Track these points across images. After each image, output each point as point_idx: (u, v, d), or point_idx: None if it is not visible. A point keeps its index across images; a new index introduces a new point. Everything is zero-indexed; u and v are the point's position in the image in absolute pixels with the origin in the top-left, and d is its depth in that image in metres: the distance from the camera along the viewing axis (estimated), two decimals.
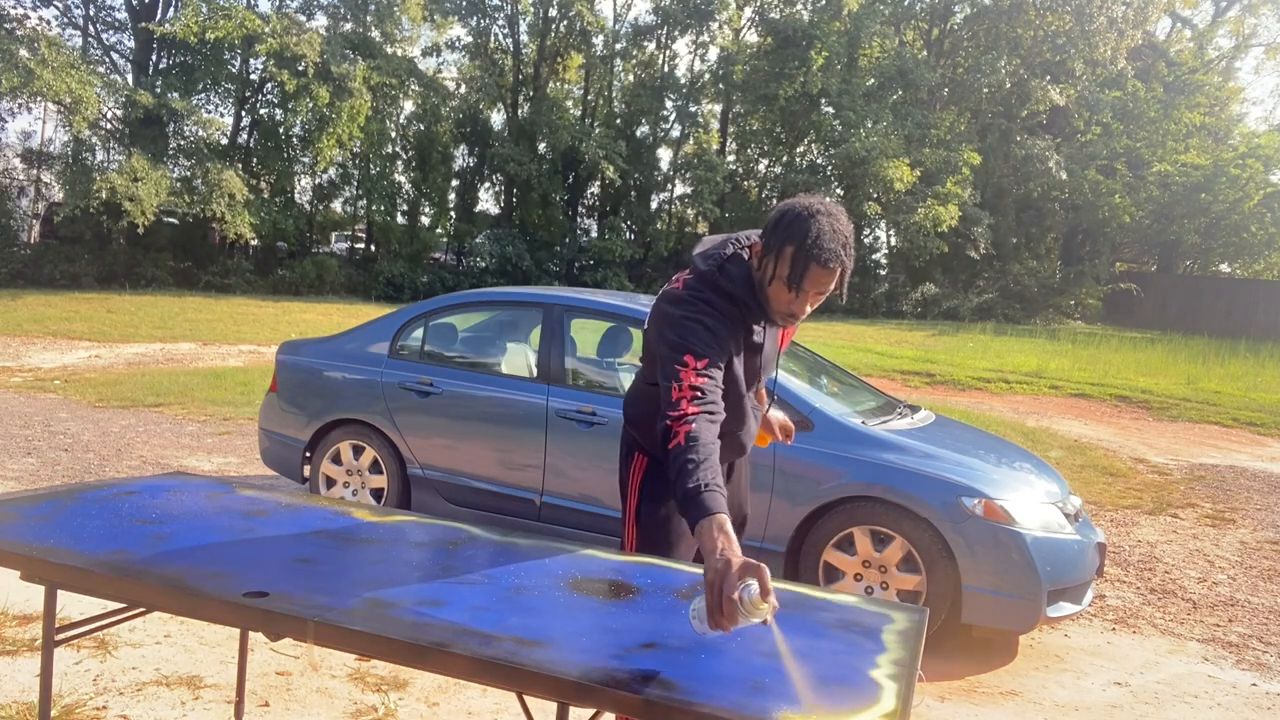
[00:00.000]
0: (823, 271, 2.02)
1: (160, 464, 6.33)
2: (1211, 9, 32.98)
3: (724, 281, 2.14)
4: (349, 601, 1.83)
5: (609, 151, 24.88)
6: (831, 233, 2.01)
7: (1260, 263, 29.86)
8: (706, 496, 1.76)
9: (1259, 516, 6.77)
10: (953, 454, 4.05)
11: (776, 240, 2.05)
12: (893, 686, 1.59)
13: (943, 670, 3.69)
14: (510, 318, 5.36)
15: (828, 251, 1.99)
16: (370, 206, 24.40)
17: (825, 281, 2.04)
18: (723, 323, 2.10)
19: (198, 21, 19.78)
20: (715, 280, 2.14)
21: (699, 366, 2.00)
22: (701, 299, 2.11)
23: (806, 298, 2.07)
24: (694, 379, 1.98)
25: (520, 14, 27.14)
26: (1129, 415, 11.35)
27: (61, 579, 1.98)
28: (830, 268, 2.01)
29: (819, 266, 2.01)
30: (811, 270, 2.01)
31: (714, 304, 2.11)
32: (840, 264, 2.02)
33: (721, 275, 2.14)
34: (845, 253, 2.03)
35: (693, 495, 1.77)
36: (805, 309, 2.11)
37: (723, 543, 1.67)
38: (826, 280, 2.04)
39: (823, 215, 2.03)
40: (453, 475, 4.78)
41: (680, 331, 2.06)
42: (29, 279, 19.24)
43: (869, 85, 26.62)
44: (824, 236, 2.00)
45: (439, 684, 3.22)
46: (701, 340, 2.04)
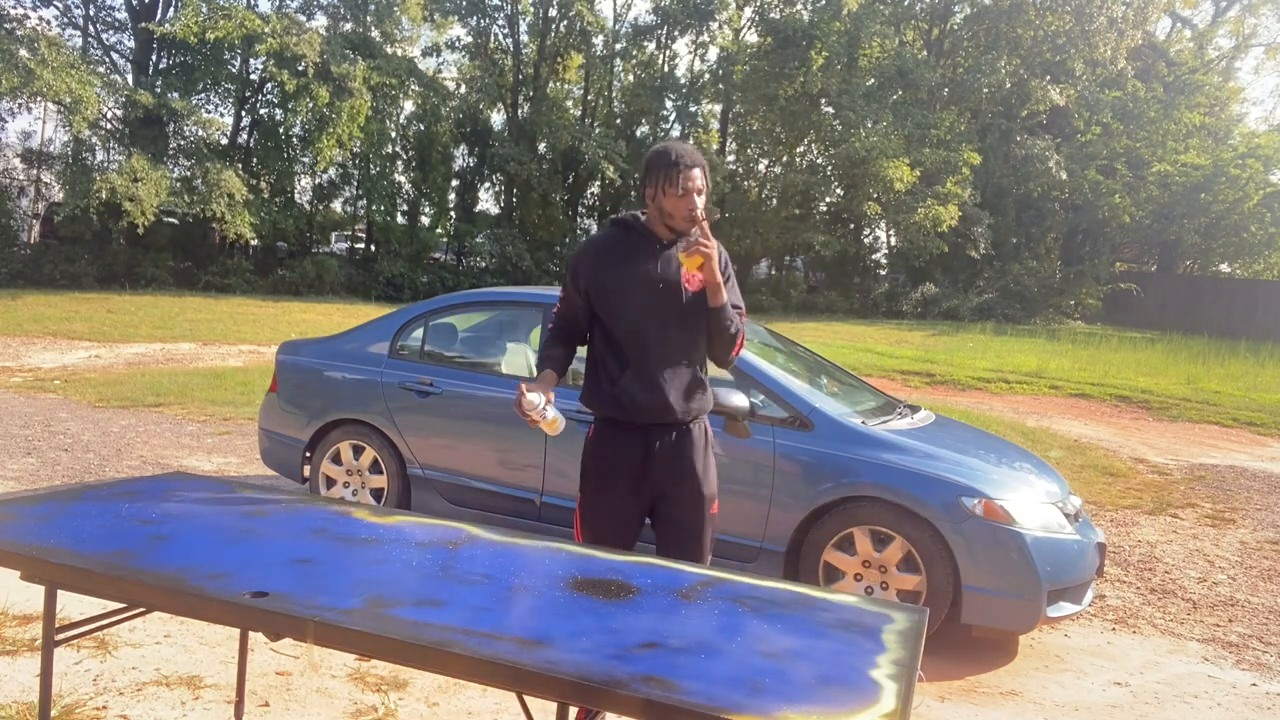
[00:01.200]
0: (687, 171, 2.63)
1: (160, 464, 6.33)
2: (1211, 9, 32.99)
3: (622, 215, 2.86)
4: (349, 601, 1.83)
5: (609, 151, 24.88)
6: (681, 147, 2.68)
7: (1260, 263, 29.85)
8: (541, 364, 2.88)
9: (1259, 516, 6.77)
10: (953, 454, 4.05)
11: (650, 171, 2.70)
12: (893, 686, 1.59)
13: (943, 670, 3.68)
14: (510, 318, 5.36)
15: (685, 153, 2.66)
16: (370, 206, 24.40)
17: (692, 177, 2.63)
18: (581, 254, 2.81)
19: (198, 21, 19.77)
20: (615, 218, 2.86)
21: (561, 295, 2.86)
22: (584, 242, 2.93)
23: (689, 195, 2.63)
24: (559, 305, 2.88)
25: (520, 14, 27.14)
26: (1129, 415, 11.35)
27: (61, 579, 1.98)
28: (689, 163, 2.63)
29: (683, 168, 2.63)
30: (680, 173, 2.62)
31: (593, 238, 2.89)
32: (699, 163, 2.66)
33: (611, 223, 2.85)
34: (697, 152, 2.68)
35: (538, 364, 2.90)
36: (696, 203, 2.64)
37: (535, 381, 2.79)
38: (692, 176, 2.63)
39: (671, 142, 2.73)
40: (453, 475, 4.78)
41: None
42: (29, 279, 19.24)
43: (869, 85, 26.61)
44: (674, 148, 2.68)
45: (439, 684, 3.22)
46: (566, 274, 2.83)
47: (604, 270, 2.73)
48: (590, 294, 2.75)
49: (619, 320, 2.73)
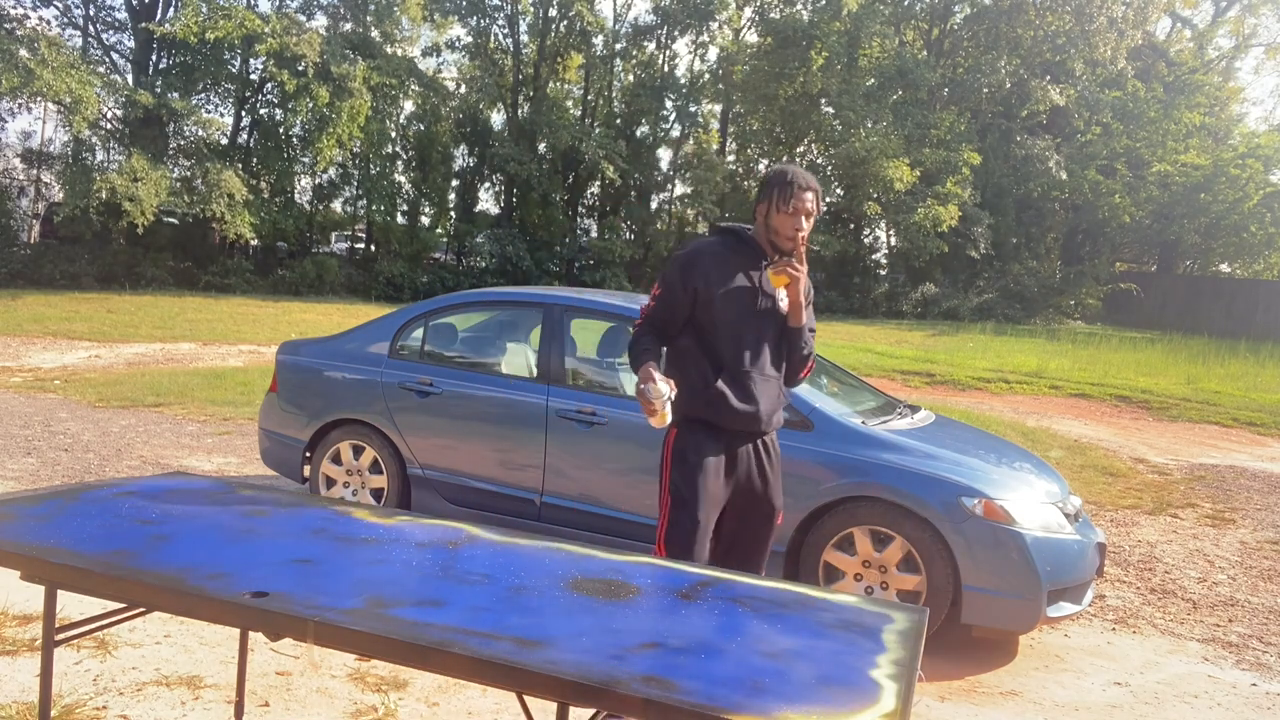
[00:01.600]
0: (801, 192, 2.76)
1: (160, 464, 6.33)
2: (1211, 9, 33.00)
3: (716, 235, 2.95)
4: (349, 601, 1.83)
5: (609, 151, 24.88)
6: (800, 171, 2.83)
7: (1260, 263, 29.85)
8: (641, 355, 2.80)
9: (1259, 516, 6.77)
10: (953, 454, 4.05)
11: (765, 189, 2.83)
12: (893, 686, 1.59)
13: (943, 670, 3.68)
14: (510, 318, 5.36)
15: (803, 176, 2.79)
16: (370, 206, 24.40)
17: (805, 200, 2.77)
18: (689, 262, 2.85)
19: (198, 21, 19.77)
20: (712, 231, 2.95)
21: (654, 293, 2.90)
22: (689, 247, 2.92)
23: (799, 216, 2.77)
24: (651, 301, 2.91)
25: (520, 14, 27.13)
26: (1129, 415, 11.35)
27: (61, 579, 1.98)
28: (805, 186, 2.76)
29: (798, 188, 2.76)
30: (794, 193, 2.76)
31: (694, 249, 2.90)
32: (813, 187, 2.79)
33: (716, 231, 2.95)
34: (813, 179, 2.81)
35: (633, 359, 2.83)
36: (803, 225, 2.78)
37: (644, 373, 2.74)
38: (805, 199, 2.76)
39: (792, 166, 2.88)
40: (453, 475, 4.78)
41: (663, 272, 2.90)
42: (29, 279, 19.24)
43: (869, 85, 26.61)
44: (796, 172, 2.82)
45: (439, 684, 3.22)
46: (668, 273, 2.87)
47: (716, 275, 2.81)
48: (698, 295, 2.81)
49: (722, 326, 2.81)
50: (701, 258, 2.84)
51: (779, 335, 2.88)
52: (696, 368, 2.85)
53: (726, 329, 2.81)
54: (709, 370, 2.82)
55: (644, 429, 4.31)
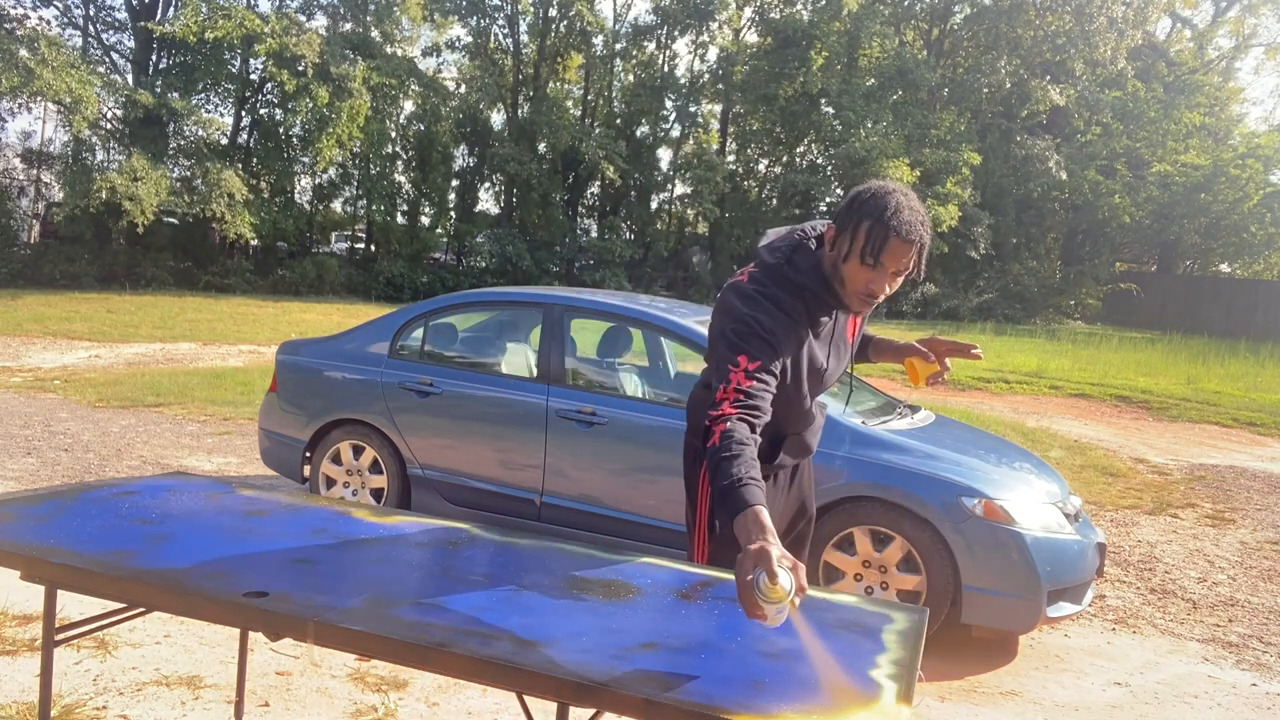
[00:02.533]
0: (901, 244, 1.95)
1: (160, 464, 6.32)
2: (1211, 9, 33.01)
3: (792, 273, 2.08)
4: (349, 601, 1.83)
5: (609, 151, 24.88)
6: (909, 208, 1.96)
7: (1260, 263, 29.87)
8: (743, 490, 1.74)
9: (1259, 516, 6.77)
10: (953, 454, 4.04)
11: (852, 218, 1.99)
12: (893, 686, 1.59)
13: (943, 670, 3.68)
14: (510, 318, 5.36)
15: (906, 224, 1.94)
16: (370, 206, 24.40)
17: (904, 256, 1.97)
18: (784, 322, 2.06)
19: (197, 21, 19.77)
20: (783, 273, 2.09)
21: (750, 368, 1.97)
22: (767, 295, 2.06)
23: (885, 274, 1.99)
24: (742, 381, 1.95)
25: (520, 14, 27.13)
26: (1129, 415, 11.35)
27: (61, 579, 1.97)
28: (909, 240, 1.95)
29: (898, 239, 1.94)
30: (890, 243, 1.95)
31: (779, 301, 2.06)
32: (919, 238, 1.97)
33: (789, 267, 2.09)
34: (923, 227, 1.97)
35: (728, 491, 1.76)
36: (884, 288, 2.02)
37: (755, 534, 1.65)
38: (905, 255, 1.97)
39: (898, 192, 1.99)
40: (453, 475, 4.78)
41: (740, 330, 2.02)
42: (29, 279, 19.24)
43: (869, 85, 26.61)
44: (901, 209, 1.95)
45: (439, 684, 3.22)
46: (758, 341, 2.00)
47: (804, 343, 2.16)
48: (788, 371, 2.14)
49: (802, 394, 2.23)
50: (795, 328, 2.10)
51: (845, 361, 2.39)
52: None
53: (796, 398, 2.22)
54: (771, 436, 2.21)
55: (644, 429, 4.31)
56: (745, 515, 1.70)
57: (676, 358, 5.47)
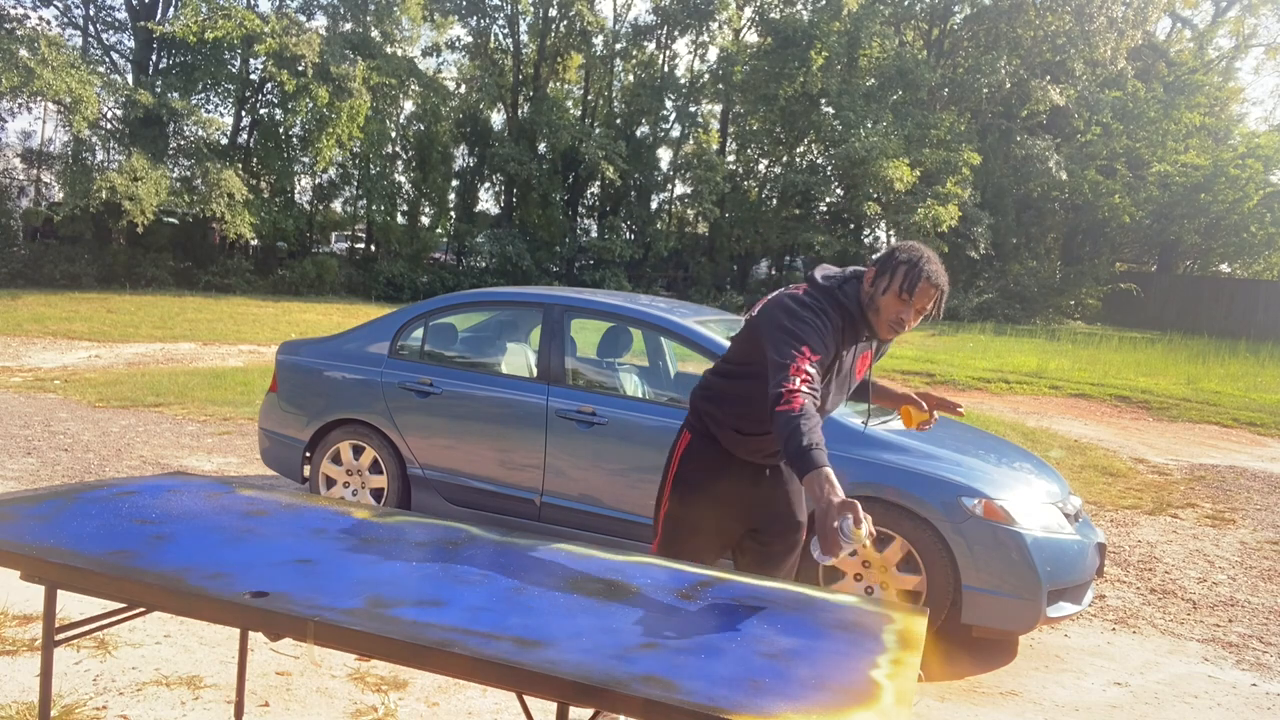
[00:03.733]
0: (928, 287, 2.42)
1: (160, 464, 6.32)
2: (1211, 9, 32.99)
3: (842, 297, 2.49)
4: (349, 601, 1.83)
5: (609, 151, 24.87)
6: (937, 263, 2.47)
7: (1260, 263, 29.85)
8: (816, 453, 2.08)
9: (1259, 516, 6.77)
10: (953, 454, 4.04)
11: (892, 262, 2.45)
12: (892, 686, 1.59)
13: (943, 670, 3.68)
14: (510, 318, 5.36)
15: (935, 273, 2.43)
16: (370, 206, 24.40)
17: (928, 297, 2.44)
18: (831, 334, 2.43)
19: (197, 21, 19.77)
20: (835, 295, 2.49)
21: (812, 358, 2.31)
22: (821, 308, 2.44)
23: (912, 309, 2.44)
24: (807, 365, 2.29)
25: (520, 14, 27.14)
26: (1129, 415, 11.35)
27: (61, 579, 1.98)
28: (935, 284, 2.43)
29: (926, 282, 2.41)
30: (921, 284, 2.41)
31: (829, 315, 2.45)
32: (942, 285, 2.45)
33: (840, 292, 2.50)
34: (945, 280, 2.47)
35: (805, 450, 2.09)
36: (911, 320, 2.46)
37: (828, 489, 2.00)
38: (929, 297, 2.44)
39: (929, 251, 2.49)
40: (453, 475, 4.78)
41: (802, 326, 2.38)
42: (29, 279, 19.24)
43: (869, 85, 26.61)
44: (932, 262, 2.46)
45: (439, 684, 3.22)
46: (817, 339, 2.37)
47: (834, 357, 2.49)
48: None
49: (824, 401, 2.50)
50: (830, 326, 2.44)
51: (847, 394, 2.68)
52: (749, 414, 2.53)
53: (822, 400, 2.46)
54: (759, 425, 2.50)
55: (644, 429, 4.31)
56: (820, 473, 2.04)
57: (676, 358, 5.47)
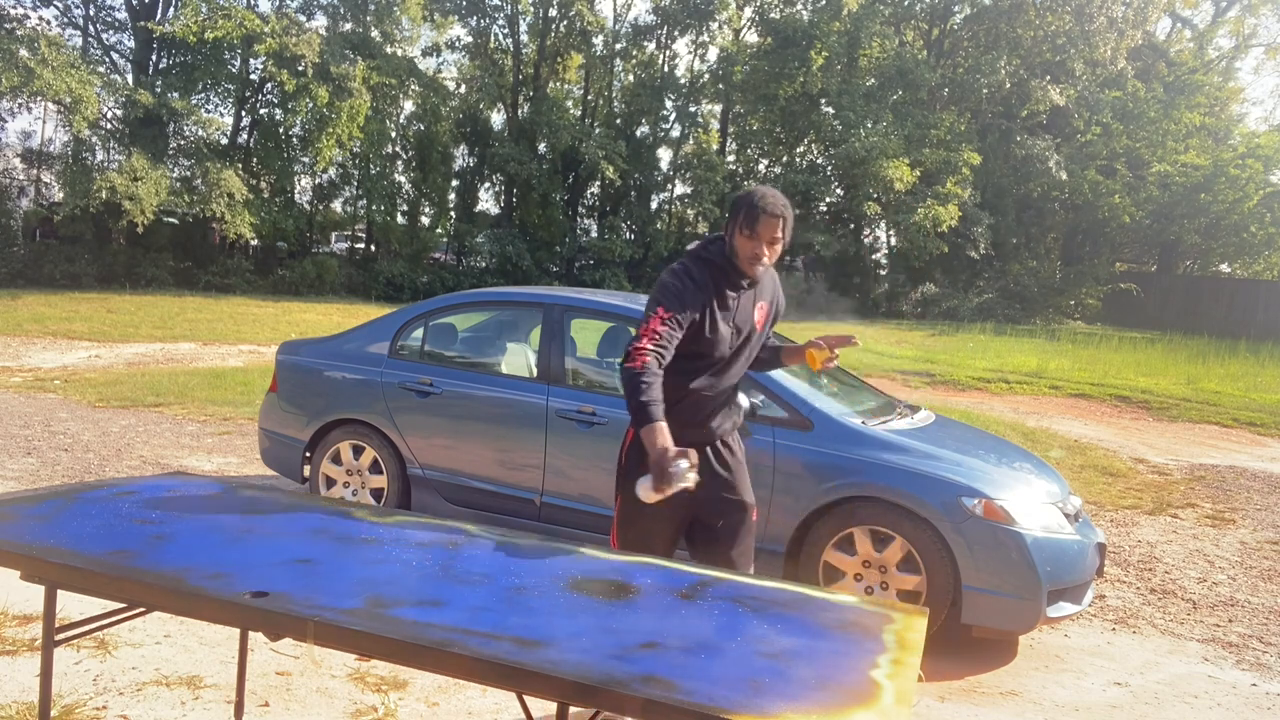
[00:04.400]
0: (769, 219, 2.58)
1: (160, 464, 6.33)
2: (1211, 9, 32.98)
3: (704, 253, 2.71)
4: (349, 601, 1.83)
5: (609, 151, 24.88)
6: (771, 195, 2.62)
7: (1260, 263, 29.84)
8: (653, 409, 2.39)
9: (1259, 516, 6.77)
10: (953, 454, 4.04)
11: (733, 209, 2.66)
12: (892, 686, 1.59)
13: (943, 670, 3.68)
14: (510, 318, 5.36)
15: (769, 202, 2.59)
16: (370, 206, 24.40)
17: (773, 228, 2.59)
18: (693, 285, 2.62)
19: (197, 21, 19.78)
20: (698, 253, 2.72)
21: (664, 316, 2.55)
22: (681, 266, 2.68)
23: (761, 242, 2.60)
24: (658, 325, 2.54)
25: (520, 14, 27.14)
26: (1129, 415, 11.35)
27: (61, 579, 1.98)
28: (773, 214, 2.58)
29: (765, 215, 2.58)
30: (760, 219, 2.58)
31: (689, 270, 2.66)
32: (780, 212, 2.58)
33: (703, 249, 2.73)
34: (784, 208, 2.60)
35: (643, 406, 2.40)
36: (764, 250, 2.62)
37: (660, 439, 2.34)
38: (773, 227, 2.59)
39: (762, 187, 2.68)
40: (453, 475, 4.78)
41: (659, 290, 2.63)
42: (29, 279, 19.24)
43: (869, 85, 26.61)
44: (765, 195, 2.61)
45: (439, 684, 3.22)
46: (672, 296, 2.59)
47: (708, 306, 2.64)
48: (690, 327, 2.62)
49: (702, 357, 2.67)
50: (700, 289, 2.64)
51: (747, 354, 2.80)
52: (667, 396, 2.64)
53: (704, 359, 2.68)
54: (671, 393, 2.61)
55: None
56: (653, 427, 2.36)
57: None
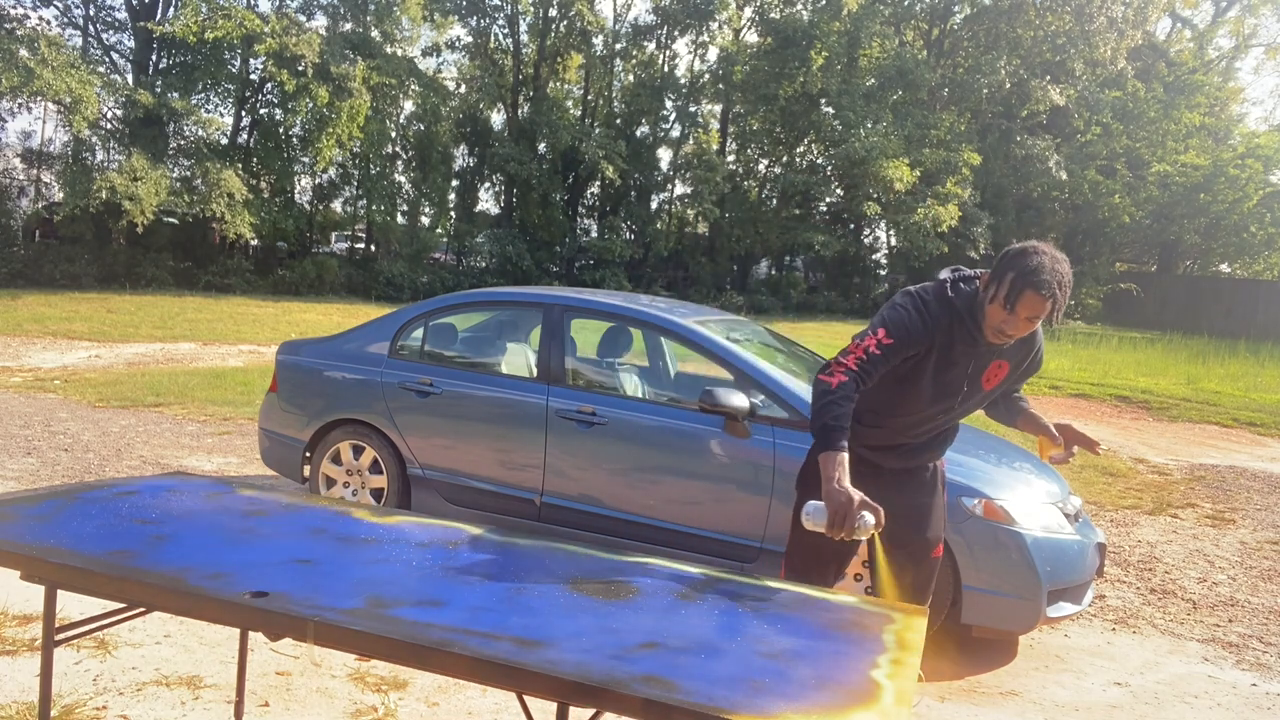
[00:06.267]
0: (1035, 297, 2.27)
1: (160, 464, 6.32)
2: (1211, 9, 33.01)
3: (949, 292, 2.45)
4: (349, 601, 1.83)
5: (609, 151, 24.87)
6: (1050, 269, 2.28)
7: (1260, 263, 29.86)
8: (836, 434, 2.21)
9: (1259, 516, 6.77)
10: (953, 454, 4.03)
11: (1002, 267, 2.34)
12: (892, 686, 1.59)
13: (943, 670, 3.68)
14: (510, 318, 5.36)
15: (1043, 281, 2.26)
16: (370, 206, 24.40)
17: (1037, 308, 2.28)
18: (924, 323, 2.41)
19: (197, 21, 19.77)
20: (943, 290, 2.47)
21: (881, 339, 2.37)
22: (921, 298, 2.46)
23: (1018, 319, 2.31)
24: (873, 346, 2.37)
25: (520, 14, 27.13)
26: (1129, 415, 11.35)
27: (61, 579, 1.98)
28: (1043, 295, 2.26)
29: (1033, 291, 2.26)
30: (1026, 294, 2.27)
31: (928, 305, 2.43)
32: (1052, 294, 2.27)
33: (950, 288, 2.47)
34: (1059, 287, 2.28)
35: (828, 428, 2.23)
36: (1016, 329, 2.35)
37: (839, 474, 2.17)
38: (1038, 307, 2.28)
39: (1045, 253, 2.31)
40: (453, 475, 4.78)
41: (888, 310, 2.45)
42: (29, 279, 19.23)
43: (869, 85, 26.62)
44: (1043, 269, 2.27)
45: (439, 684, 3.22)
46: (897, 323, 2.39)
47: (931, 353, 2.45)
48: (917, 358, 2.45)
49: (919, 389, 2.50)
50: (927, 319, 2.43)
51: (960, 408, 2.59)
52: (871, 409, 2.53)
53: (912, 397, 2.50)
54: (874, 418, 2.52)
55: (644, 429, 4.31)
56: (835, 457, 2.18)
57: (676, 358, 5.47)
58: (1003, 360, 2.53)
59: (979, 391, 2.55)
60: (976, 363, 2.49)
